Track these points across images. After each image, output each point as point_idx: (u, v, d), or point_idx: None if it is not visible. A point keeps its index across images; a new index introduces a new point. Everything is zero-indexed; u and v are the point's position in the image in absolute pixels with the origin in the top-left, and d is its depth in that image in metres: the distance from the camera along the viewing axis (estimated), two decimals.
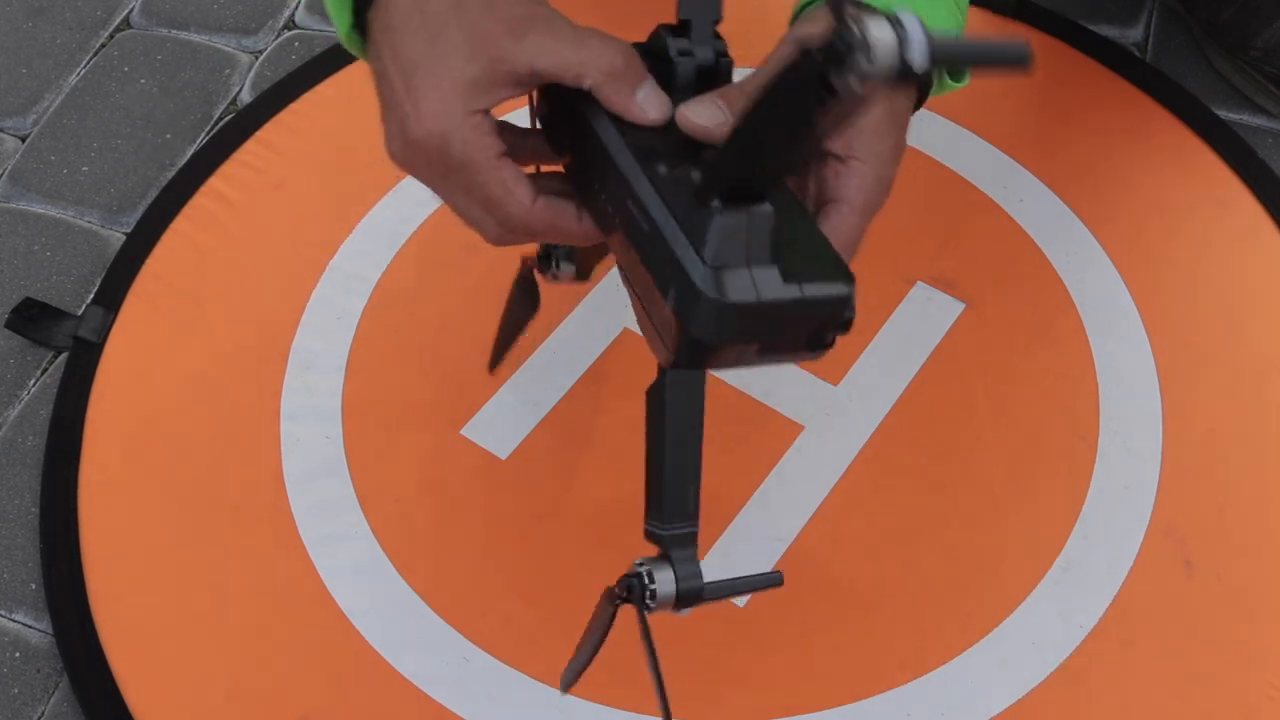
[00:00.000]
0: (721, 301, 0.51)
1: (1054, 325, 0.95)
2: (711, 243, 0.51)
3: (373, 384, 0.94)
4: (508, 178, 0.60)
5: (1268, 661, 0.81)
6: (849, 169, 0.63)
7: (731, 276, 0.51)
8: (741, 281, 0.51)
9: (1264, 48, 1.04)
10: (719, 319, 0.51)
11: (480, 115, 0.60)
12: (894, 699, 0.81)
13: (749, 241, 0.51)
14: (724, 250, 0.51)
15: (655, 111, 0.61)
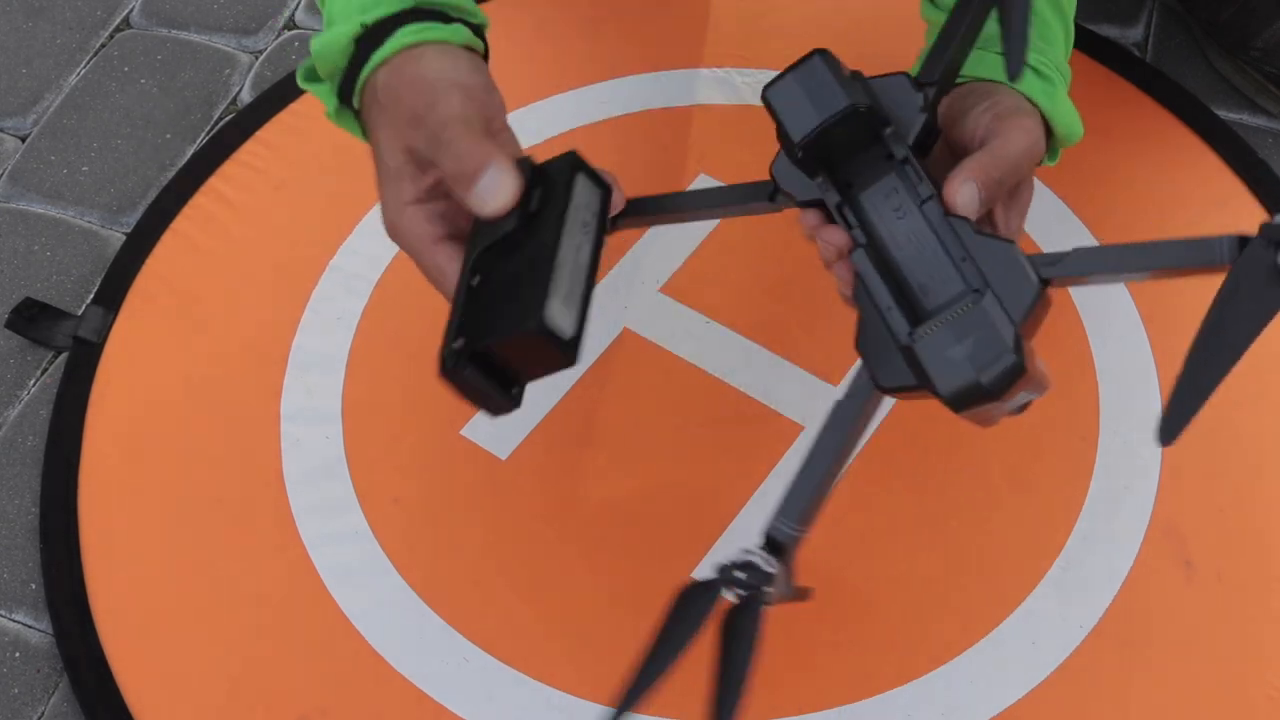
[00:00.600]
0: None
1: (1054, 325, 0.95)
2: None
3: (373, 384, 0.94)
4: (440, 260, 0.67)
5: (1268, 661, 0.81)
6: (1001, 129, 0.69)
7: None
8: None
9: (1264, 48, 1.04)
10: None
11: (415, 206, 0.67)
12: (894, 699, 0.81)
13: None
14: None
15: (489, 207, 0.65)
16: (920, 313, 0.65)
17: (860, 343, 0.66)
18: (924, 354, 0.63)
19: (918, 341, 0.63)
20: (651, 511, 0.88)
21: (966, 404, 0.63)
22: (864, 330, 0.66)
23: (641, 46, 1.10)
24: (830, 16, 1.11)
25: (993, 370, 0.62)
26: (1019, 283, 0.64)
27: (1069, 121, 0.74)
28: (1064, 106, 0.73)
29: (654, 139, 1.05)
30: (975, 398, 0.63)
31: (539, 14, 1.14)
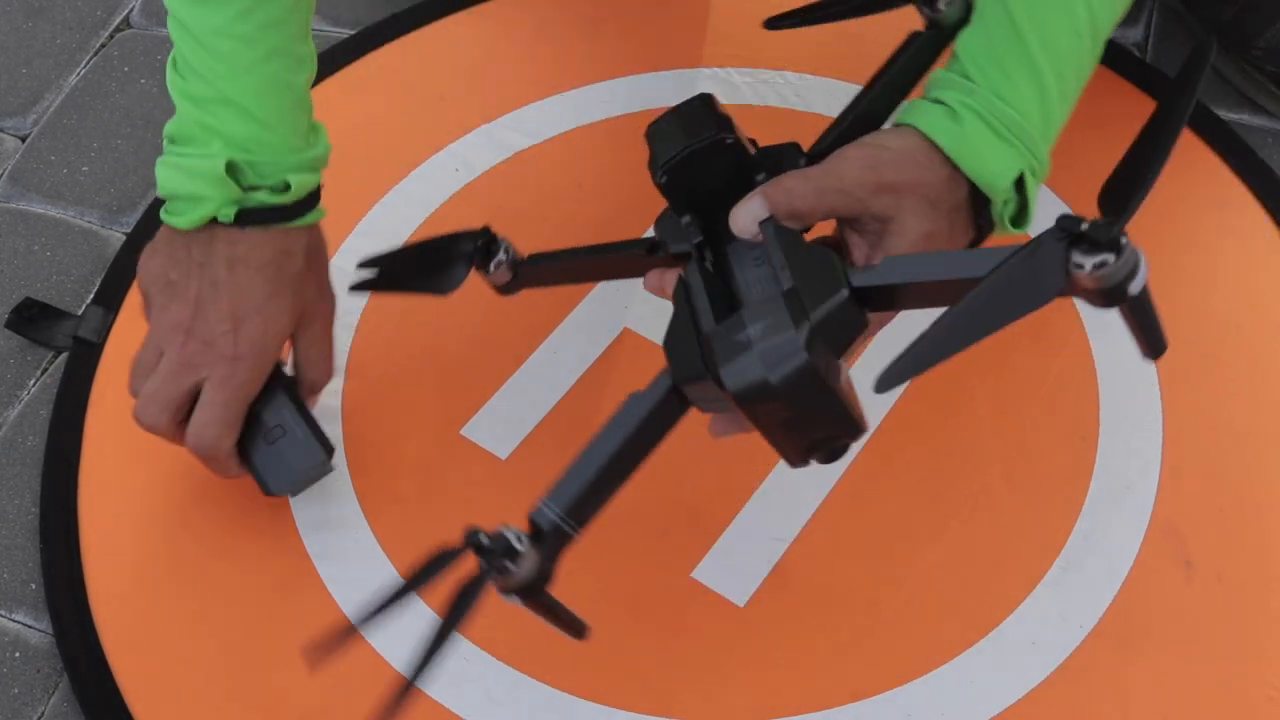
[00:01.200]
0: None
1: (1054, 325, 0.95)
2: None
3: (373, 384, 0.94)
4: (240, 418, 0.83)
5: (1268, 661, 0.81)
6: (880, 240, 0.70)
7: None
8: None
9: (1265, 47, 1.04)
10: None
11: (265, 375, 0.83)
12: (894, 699, 0.81)
13: None
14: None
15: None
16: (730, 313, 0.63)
17: (666, 340, 0.66)
18: (718, 344, 0.61)
19: (715, 333, 0.62)
20: (651, 511, 0.88)
21: (752, 399, 0.61)
22: (672, 328, 0.66)
23: (641, 46, 1.10)
24: None
25: (782, 368, 0.60)
26: (827, 288, 0.62)
27: (979, 166, 0.69)
28: (974, 147, 0.69)
29: None
30: (761, 394, 0.60)
31: (539, 14, 1.14)
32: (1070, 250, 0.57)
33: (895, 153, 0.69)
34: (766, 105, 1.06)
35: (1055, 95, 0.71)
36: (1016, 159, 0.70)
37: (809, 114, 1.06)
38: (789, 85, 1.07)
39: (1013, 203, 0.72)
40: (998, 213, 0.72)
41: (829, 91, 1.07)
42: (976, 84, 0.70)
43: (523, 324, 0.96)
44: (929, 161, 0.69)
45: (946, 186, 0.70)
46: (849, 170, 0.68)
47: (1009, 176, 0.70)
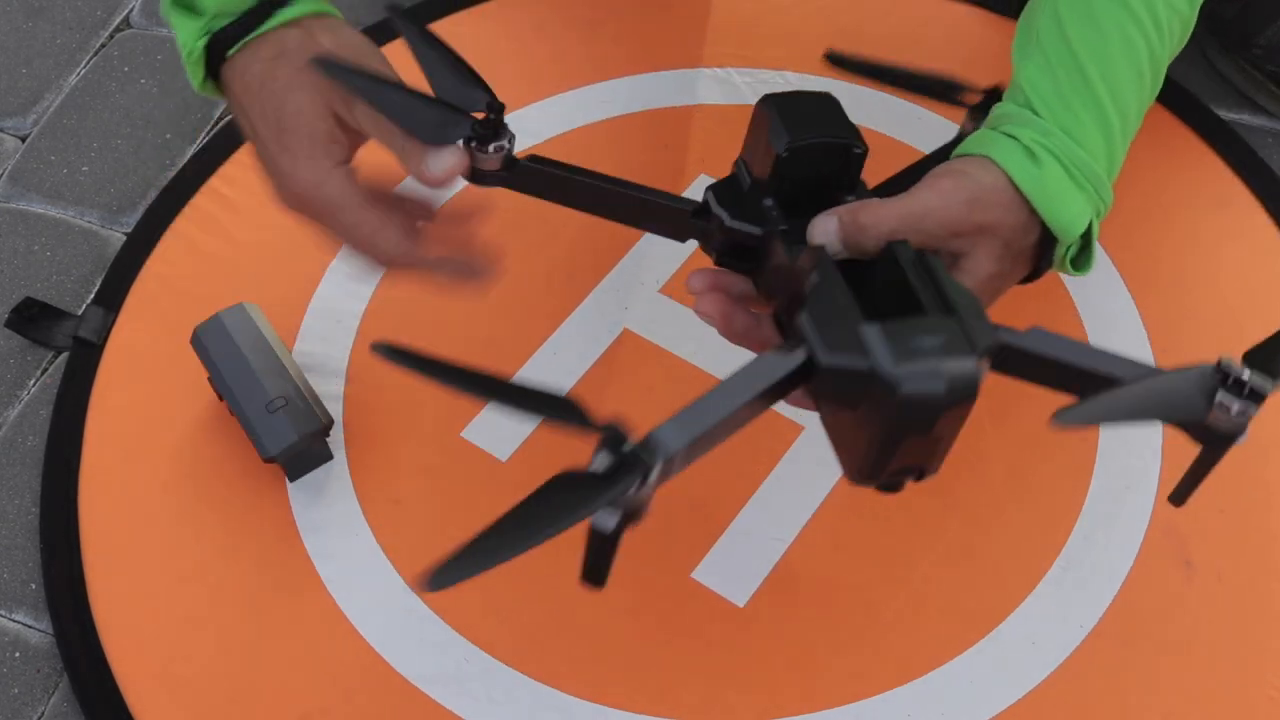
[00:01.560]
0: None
1: (1054, 325, 0.94)
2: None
3: (373, 386, 0.94)
4: (375, 221, 0.70)
5: (1268, 661, 0.82)
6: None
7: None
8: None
9: (1265, 47, 1.04)
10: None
11: (343, 168, 0.70)
12: (894, 699, 0.81)
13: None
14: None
15: (440, 172, 0.69)
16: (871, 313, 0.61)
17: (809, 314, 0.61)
18: (894, 341, 0.58)
19: (891, 331, 0.59)
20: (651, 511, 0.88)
21: (912, 408, 0.58)
22: (816, 302, 0.62)
23: (641, 46, 1.10)
24: (830, 17, 1.11)
25: (955, 387, 0.58)
26: (985, 330, 0.61)
27: (1056, 211, 0.68)
28: (1053, 192, 0.67)
29: (654, 139, 1.05)
30: (925, 406, 0.58)
31: (538, 14, 1.14)
32: (1221, 389, 0.63)
33: (988, 190, 0.67)
34: None
35: (1119, 135, 0.70)
36: (1088, 204, 0.69)
37: None
38: (789, 85, 1.07)
39: (1075, 245, 0.71)
40: (1060, 254, 0.70)
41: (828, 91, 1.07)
42: (1044, 120, 0.68)
43: (523, 325, 0.96)
44: (1013, 203, 0.67)
45: (1023, 230, 0.68)
46: (944, 205, 0.66)
47: (1082, 223, 0.69)
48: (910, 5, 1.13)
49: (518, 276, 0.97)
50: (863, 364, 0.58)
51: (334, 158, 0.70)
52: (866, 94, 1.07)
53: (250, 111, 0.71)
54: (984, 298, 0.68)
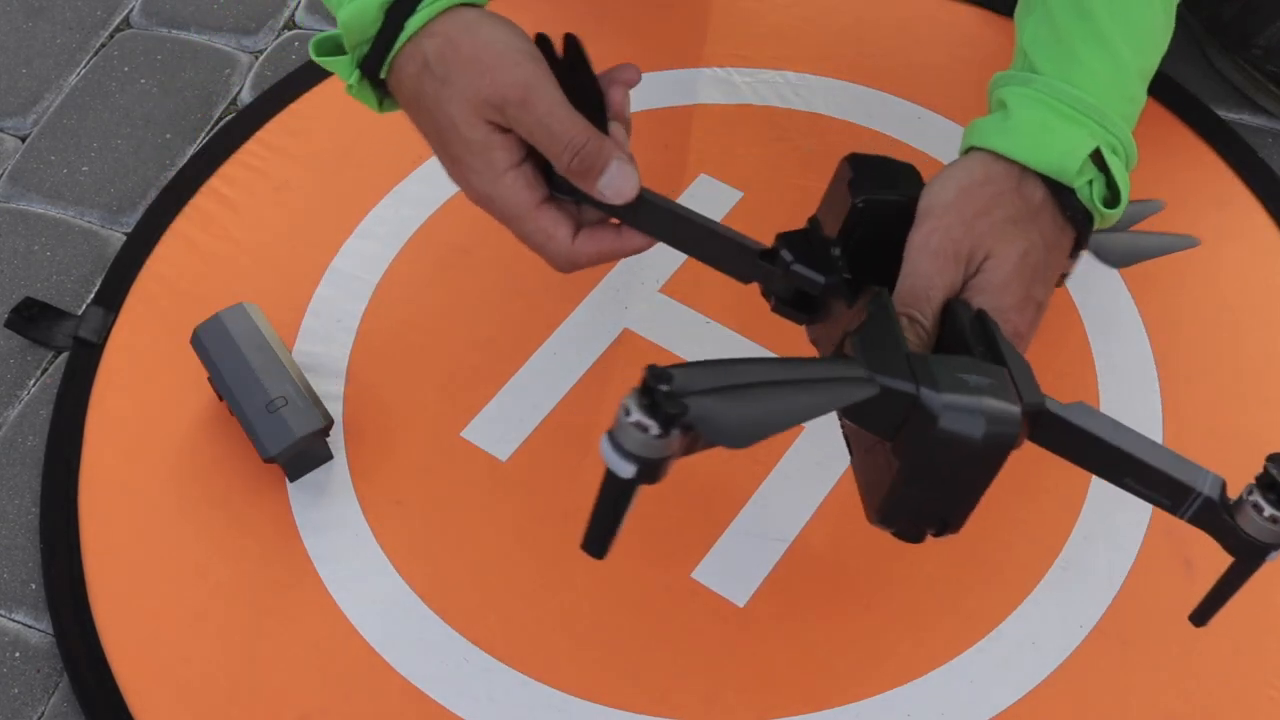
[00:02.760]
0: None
1: (1054, 325, 0.95)
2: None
3: (373, 386, 0.94)
4: (545, 224, 0.68)
5: (1268, 661, 0.82)
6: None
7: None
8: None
9: (1265, 47, 1.04)
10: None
11: (513, 171, 0.67)
12: (894, 699, 0.81)
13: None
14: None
15: (615, 196, 0.67)
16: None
17: (861, 337, 0.61)
18: (941, 374, 0.58)
19: (937, 364, 0.59)
20: (651, 511, 0.88)
21: (946, 442, 0.58)
22: (869, 339, 0.61)
23: (641, 46, 1.10)
24: (830, 16, 1.11)
25: (995, 429, 0.58)
26: (1034, 390, 0.61)
27: (1040, 154, 0.67)
28: (1029, 137, 0.67)
29: (654, 139, 1.05)
30: (961, 442, 0.58)
31: (538, 14, 1.14)
32: (1259, 490, 0.63)
33: (952, 204, 0.66)
34: (766, 105, 1.06)
35: (1133, 68, 0.69)
36: (1085, 136, 0.67)
37: (809, 114, 1.06)
38: (789, 85, 1.07)
39: (1099, 182, 0.68)
40: (1086, 198, 0.68)
41: (829, 91, 1.07)
42: (1041, 74, 0.68)
43: (523, 325, 0.96)
44: (990, 179, 0.67)
45: (1019, 195, 0.67)
46: (924, 265, 0.66)
47: (1077, 156, 0.67)
48: (910, 5, 1.13)
49: (518, 276, 0.97)
50: (909, 388, 0.58)
51: (497, 166, 0.67)
52: (867, 93, 1.07)
53: (418, 126, 0.70)
54: (1029, 279, 0.67)
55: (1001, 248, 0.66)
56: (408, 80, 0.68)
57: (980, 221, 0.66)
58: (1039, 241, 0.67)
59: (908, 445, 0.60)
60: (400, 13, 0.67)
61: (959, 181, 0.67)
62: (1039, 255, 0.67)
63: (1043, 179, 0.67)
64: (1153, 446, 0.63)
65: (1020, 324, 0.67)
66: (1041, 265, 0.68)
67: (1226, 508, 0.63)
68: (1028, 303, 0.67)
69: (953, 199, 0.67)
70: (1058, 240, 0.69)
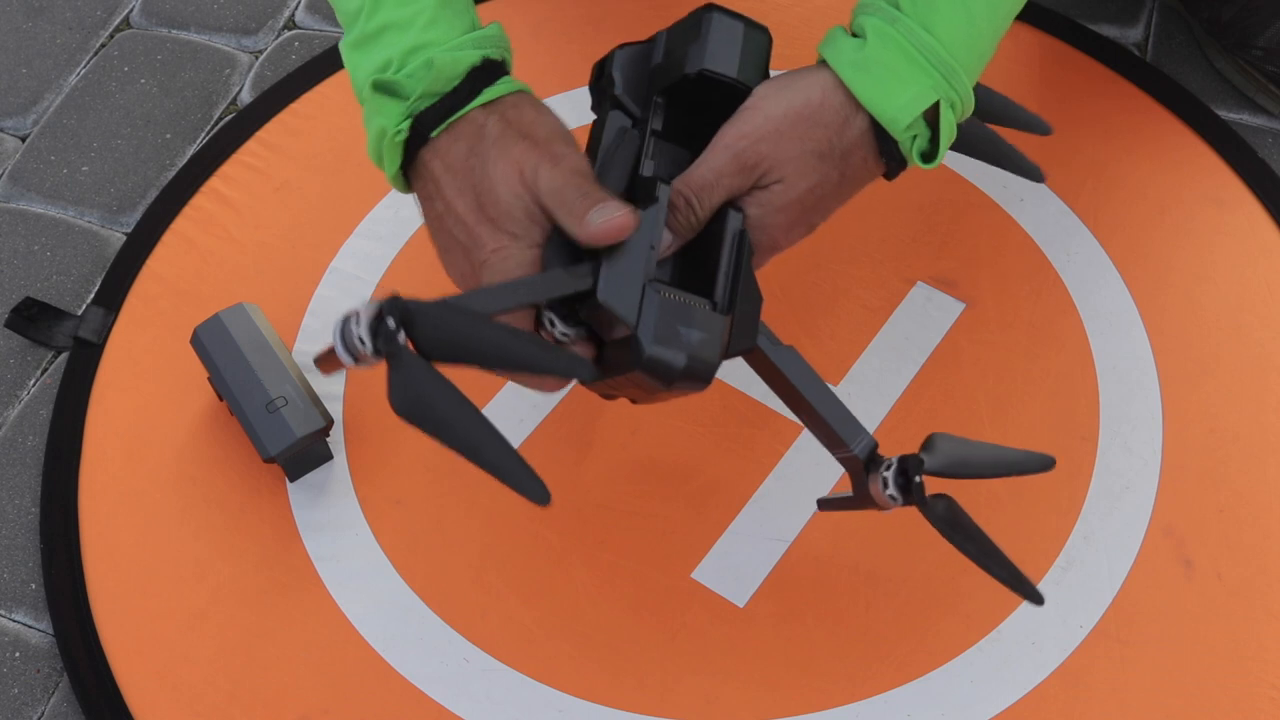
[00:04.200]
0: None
1: (1054, 325, 0.95)
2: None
3: (373, 385, 0.94)
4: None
5: (1268, 661, 0.82)
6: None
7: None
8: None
9: (1265, 47, 1.04)
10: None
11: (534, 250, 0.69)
12: (894, 699, 0.81)
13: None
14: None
15: (597, 234, 0.68)
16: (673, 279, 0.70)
17: (605, 253, 0.68)
18: (662, 324, 0.67)
19: (658, 294, 0.67)
20: (651, 511, 0.88)
21: (646, 370, 0.67)
22: (622, 247, 0.68)
23: None
24: (830, 17, 1.11)
25: (690, 375, 0.67)
26: (748, 338, 0.71)
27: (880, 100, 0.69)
28: (877, 81, 0.69)
29: None
30: (655, 371, 0.67)
31: (538, 14, 1.14)
32: (894, 469, 0.74)
33: (775, 119, 0.69)
34: None
35: (986, 27, 0.71)
36: (928, 90, 0.69)
37: None
38: None
39: (923, 136, 0.71)
40: (906, 149, 0.70)
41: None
42: (903, 13, 0.69)
43: None
44: (821, 108, 0.69)
45: (839, 132, 0.70)
46: (720, 163, 0.69)
47: (912, 111, 0.69)
48: None
49: None
50: (631, 322, 0.67)
51: (530, 238, 0.69)
52: None
53: (447, 189, 0.71)
54: (809, 208, 0.71)
55: (795, 176, 0.70)
56: (461, 143, 0.70)
57: (788, 146, 0.69)
58: (834, 178, 0.71)
59: (623, 354, 0.68)
60: (480, 80, 0.71)
61: (792, 100, 0.70)
62: (828, 189, 0.71)
63: (871, 121, 0.70)
64: (832, 402, 0.74)
65: (782, 241, 0.73)
66: (828, 197, 0.72)
67: (871, 467, 0.74)
68: (798, 225, 0.72)
69: (777, 115, 0.70)
70: (858, 176, 0.72)
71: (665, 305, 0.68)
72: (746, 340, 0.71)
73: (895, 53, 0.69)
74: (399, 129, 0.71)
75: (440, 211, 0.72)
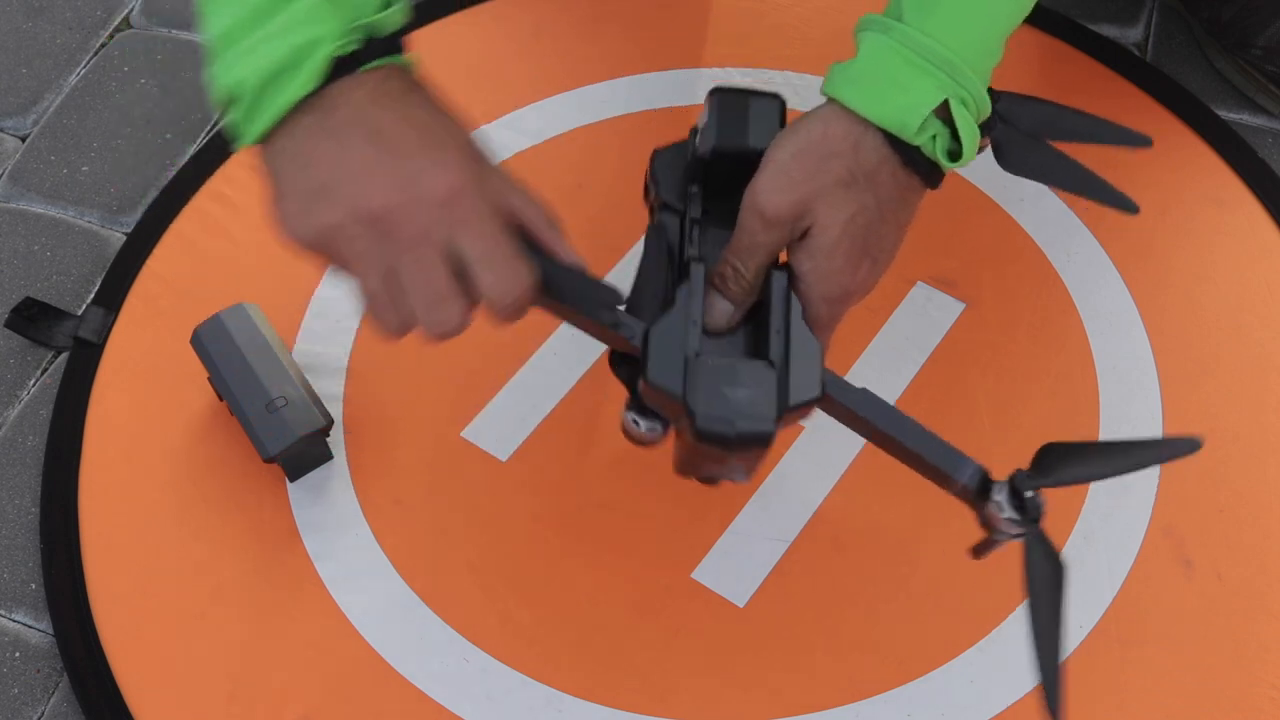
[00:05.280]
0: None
1: (1054, 325, 0.95)
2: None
3: (373, 386, 0.94)
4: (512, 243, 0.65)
5: (1268, 661, 0.82)
6: (799, 288, 0.70)
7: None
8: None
9: (1265, 47, 1.04)
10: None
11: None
12: (894, 699, 0.81)
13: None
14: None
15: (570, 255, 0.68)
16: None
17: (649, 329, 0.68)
18: (705, 382, 0.66)
19: (707, 370, 0.67)
20: (651, 511, 0.88)
21: (708, 441, 0.66)
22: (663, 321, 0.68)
23: (642, 46, 1.10)
24: (830, 17, 1.11)
25: (745, 431, 0.66)
26: (810, 383, 0.68)
27: (880, 108, 0.67)
28: (871, 88, 0.67)
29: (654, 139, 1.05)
30: (718, 441, 0.66)
31: (539, 14, 1.14)
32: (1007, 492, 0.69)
33: (786, 165, 0.68)
34: None
35: (991, 23, 0.69)
36: (931, 89, 0.67)
37: None
38: (789, 85, 1.07)
39: (944, 136, 0.69)
40: (930, 152, 0.69)
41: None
42: (904, 23, 0.68)
43: (522, 326, 0.96)
44: (828, 138, 0.68)
45: (855, 156, 0.68)
46: (750, 223, 0.69)
47: (920, 112, 0.67)
48: None
49: None
50: (678, 392, 0.66)
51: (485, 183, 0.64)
52: None
53: (383, 116, 0.63)
54: (860, 239, 0.69)
55: (827, 213, 0.68)
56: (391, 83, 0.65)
57: (807, 186, 0.68)
58: (870, 203, 0.69)
59: (684, 428, 0.68)
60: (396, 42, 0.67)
61: (798, 141, 0.69)
62: (870, 216, 0.69)
63: (885, 135, 0.68)
64: (923, 436, 0.70)
65: (850, 283, 0.70)
66: (875, 223, 0.69)
67: (983, 494, 0.69)
68: (860, 260, 0.69)
69: (788, 159, 0.68)
70: (899, 195, 0.70)
71: (710, 371, 0.67)
72: (809, 389, 0.68)
73: (892, 59, 0.68)
74: (343, 42, 0.63)
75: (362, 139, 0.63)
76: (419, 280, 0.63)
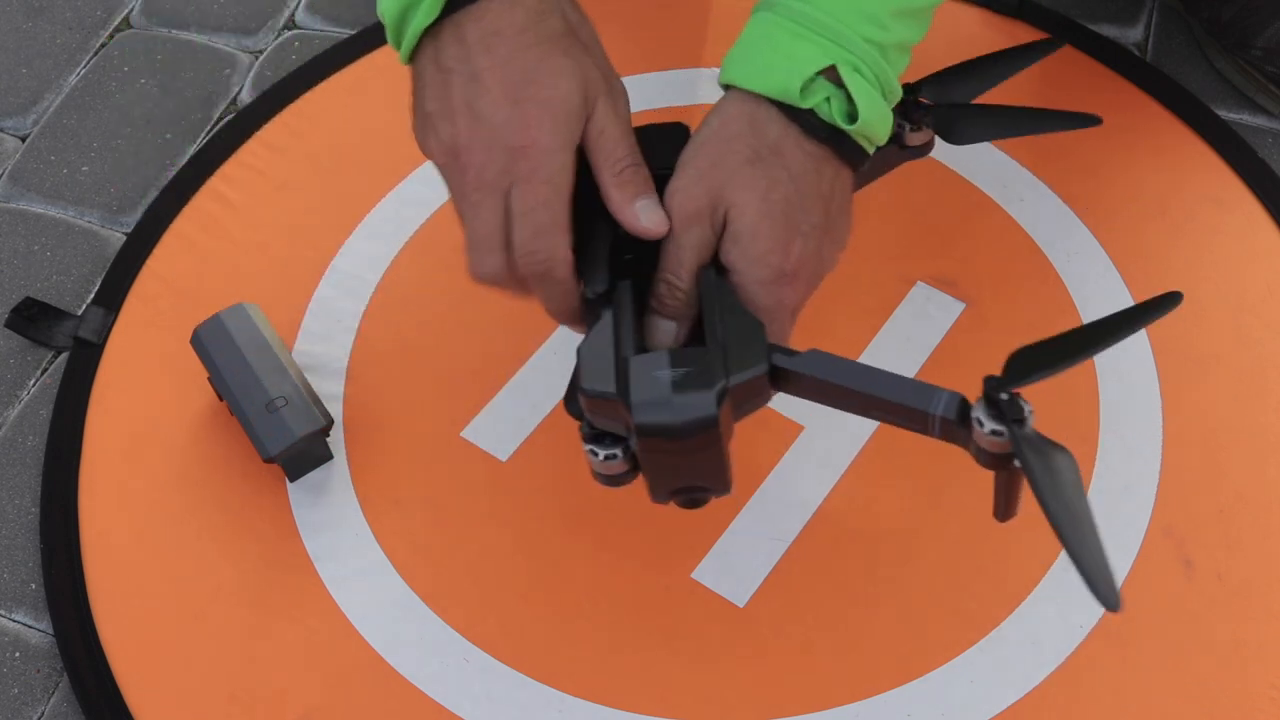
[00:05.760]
0: None
1: (1054, 325, 0.94)
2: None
3: (373, 386, 0.94)
4: (566, 215, 0.67)
5: (1268, 661, 0.82)
6: (734, 279, 0.69)
7: None
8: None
9: (1265, 47, 1.04)
10: None
11: (574, 152, 0.66)
12: (894, 699, 0.81)
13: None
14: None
15: (649, 224, 0.68)
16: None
17: (582, 348, 0.68)
18: (636, 375, 0.64)
19: (635, 363, 0.65)
20: (651, 511, 0.88)
21: (651, 435, 0.64)
22: (592, 337, 0.68)
23: (641, 46, 1.10)
24: None
25: (688, 416, 0.63)
26: (752, 358, 0.65)
27: (762, 77, 0.67)
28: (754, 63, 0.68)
29: None
30: (661, 433, 0.64)
31: None
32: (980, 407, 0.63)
33: (691, 160, 0.68)
34: None
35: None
36: (814, 53, 0.67)
37: None
38: None
39: (839, 99, 0.68)
40: (826, 115, 0.68)
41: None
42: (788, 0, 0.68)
43: (523, 325, 0.96)
44: (724, 123, 0.68)
45: (753, 133, 0.68)
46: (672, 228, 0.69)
47: (802, 74, 0.67)
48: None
49: None
50: (612, 394, 0.65)
51: (574, 132, 0.66)
52: None
53: (481, 58, 0.66)
54: (783, 214, 0.68)
55: (739, 194, 0.67)
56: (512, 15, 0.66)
57: (714, 174, 0.68)
58: (783, 177, 0.68)
59: (640, 442, 0.66)
60: None
61: (700, 137, 0.69)
62: (786, 189, 0.68)
63: (779, 108, 0.68)
64: (887, 379, 0.65)
65: (783, 262, 0.68)
66: (794, 196, 0.68)
67: (964, 421, 0.64)
68: (789, 237, 0.68)
69: (692, 155, 0.69)
70: (812, 166, 0.69)
71: (643, 363, 0.65)
72: (752, 362, 0.65)
73: (775, 32, 0.68)
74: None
75: (462, 81, 0.67)
76: (472, 219, 0.68)
